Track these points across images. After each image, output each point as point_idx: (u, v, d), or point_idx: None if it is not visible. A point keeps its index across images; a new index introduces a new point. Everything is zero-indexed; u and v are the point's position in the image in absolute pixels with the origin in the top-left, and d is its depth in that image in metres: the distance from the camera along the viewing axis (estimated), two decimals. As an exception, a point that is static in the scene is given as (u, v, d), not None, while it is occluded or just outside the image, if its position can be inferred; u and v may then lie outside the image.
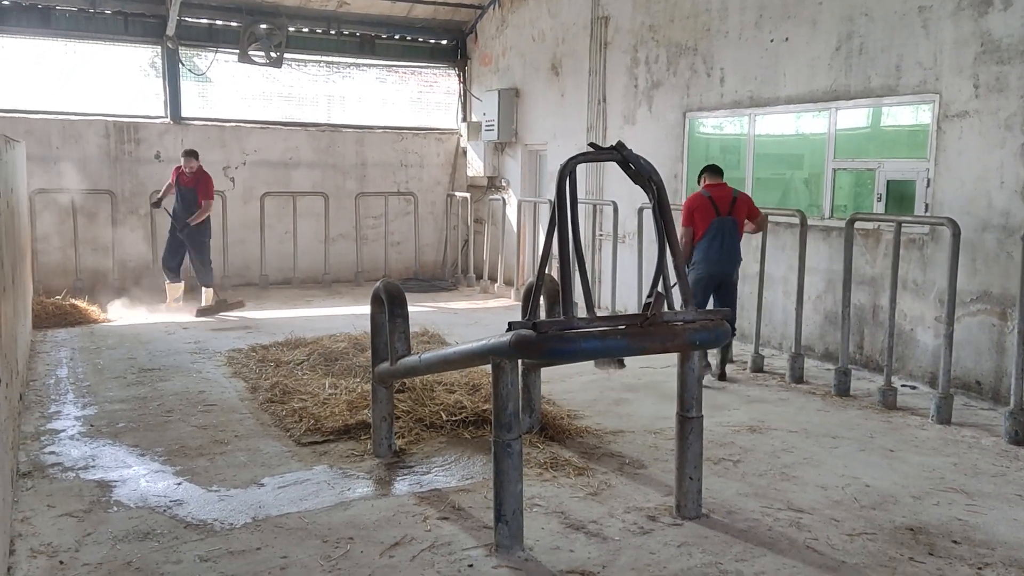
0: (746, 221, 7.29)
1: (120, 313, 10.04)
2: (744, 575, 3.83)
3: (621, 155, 4.01)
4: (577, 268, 4.13)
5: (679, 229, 6.87)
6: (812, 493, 4.83)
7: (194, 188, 10.13)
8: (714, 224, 7.11)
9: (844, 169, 7.87)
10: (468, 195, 13.57)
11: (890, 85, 7.27)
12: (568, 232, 3.93)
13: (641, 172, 4.05)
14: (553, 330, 3.77)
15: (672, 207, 8.81)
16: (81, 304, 9.76)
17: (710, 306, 7.25)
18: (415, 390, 6.23)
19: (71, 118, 11.60)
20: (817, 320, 8.06)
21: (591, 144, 4.11)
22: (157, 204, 10.52)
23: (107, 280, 11.32)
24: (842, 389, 6.90)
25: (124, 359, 7.88)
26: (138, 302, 10.73)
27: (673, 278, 4.17)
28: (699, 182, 7.44)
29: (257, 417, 6.17)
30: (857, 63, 7.52)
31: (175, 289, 10.44)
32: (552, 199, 4.08)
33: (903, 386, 7.03)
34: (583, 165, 9.89)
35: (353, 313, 10.12)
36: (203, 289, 10.41)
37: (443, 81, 14.31)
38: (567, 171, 3.93)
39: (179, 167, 10.27)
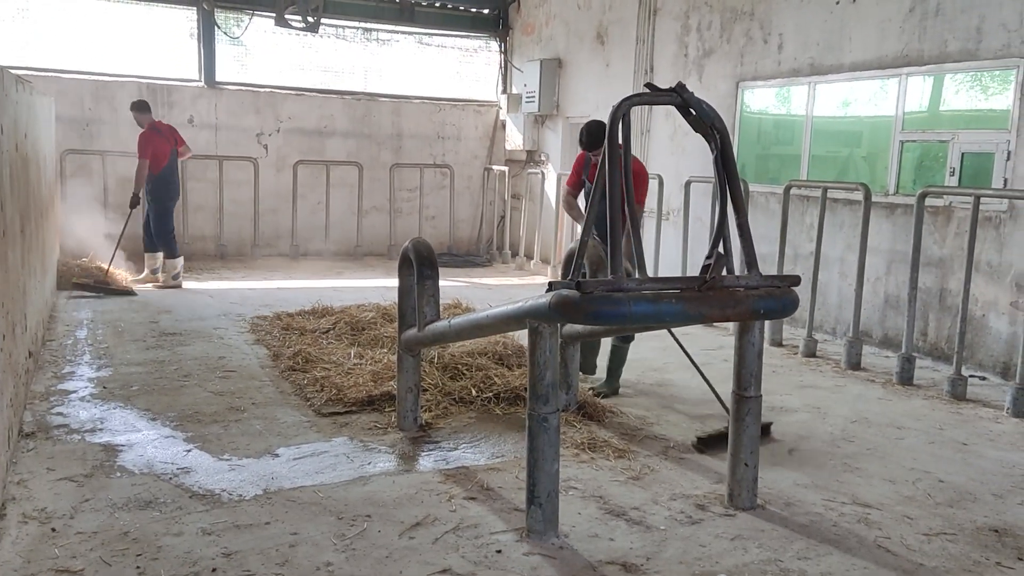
0: None
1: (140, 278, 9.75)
2: (808, 575, 3.39)
3: (681, 98, 3.54)
4: (630, 225, 3.68)
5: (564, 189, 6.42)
6: (879, 487, 4.35)
7: None
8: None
9: (913, 141, 7.28)
10: (506, 169, 13.13)
11: (969, 49, 6.67)
12: (619, 182, 3.48)
13: (703, 118, 3.58)
14: (599, 291, 3.33)
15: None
16: (107, 267, 9.49)
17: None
18: (444, 362, 5.84)
19: (104, 79, 11.35)
20: (876, 304, 7.51)
21: (647, 85, 3.64)
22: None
23: (136, 244, 11.07)
24: (905, 377, 6.37)
25: (146, 323, 7.60)
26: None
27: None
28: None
29: (277, 385, 5.83)
30: (932, 25, 6.92)
31: (150, 259, 9.56)
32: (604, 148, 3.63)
33: (971, 376, 6.47)
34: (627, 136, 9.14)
35: (384, 285, 9.76)
36: (146, 255, 9.43)
37: (483, 51, 13.85)
38: (620, 113, 3.48)
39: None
